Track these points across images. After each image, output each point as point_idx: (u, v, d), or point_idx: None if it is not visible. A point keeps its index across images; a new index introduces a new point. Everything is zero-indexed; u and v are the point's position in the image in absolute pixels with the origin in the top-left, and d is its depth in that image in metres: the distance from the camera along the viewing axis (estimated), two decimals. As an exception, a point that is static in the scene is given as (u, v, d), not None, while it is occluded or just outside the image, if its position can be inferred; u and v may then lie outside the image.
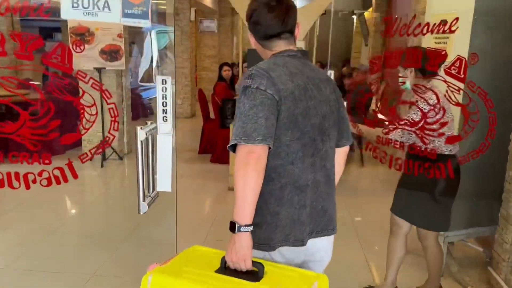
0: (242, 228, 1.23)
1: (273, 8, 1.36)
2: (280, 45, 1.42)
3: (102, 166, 5.01)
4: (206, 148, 5.83)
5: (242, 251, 1.24)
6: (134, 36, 14.75)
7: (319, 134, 1.37)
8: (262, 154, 1.24)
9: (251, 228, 1.25)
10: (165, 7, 2.05)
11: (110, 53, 4.96)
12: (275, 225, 1.34)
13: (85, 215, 3.98)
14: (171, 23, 2.11)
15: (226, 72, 5.94)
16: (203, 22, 11.31)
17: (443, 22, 2.63)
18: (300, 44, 3.77)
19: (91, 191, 4.57)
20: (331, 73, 7.92)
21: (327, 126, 1.39)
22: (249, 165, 1.22)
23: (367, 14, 9.38)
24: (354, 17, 11.01)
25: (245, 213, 1.24)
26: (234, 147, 1.26)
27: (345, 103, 1.57)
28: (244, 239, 1.24)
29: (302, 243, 1.37)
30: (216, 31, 11.27)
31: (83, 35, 4.82)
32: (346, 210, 3.86)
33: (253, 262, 1.24)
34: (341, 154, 1.52)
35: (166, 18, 2.02)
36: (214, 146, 5.46)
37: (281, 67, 1.34)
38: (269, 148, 1.26)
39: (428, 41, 2.83)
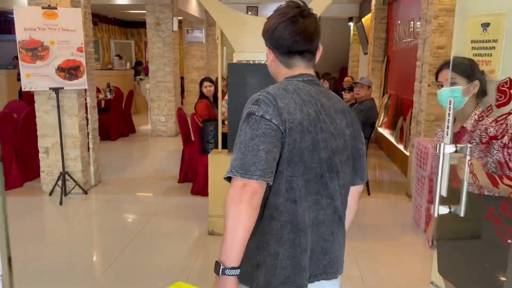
0: (227, 271, 1.14)
1: (301, 24, 1.27)
2: (300, 66, 1.33)
3: (61, 203, 4.25)
4: (186, 175, 5.08)
5: None
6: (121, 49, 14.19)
7: (327, 170, 1.27)
8: (259, 190, 1.16)
9: (237, 271, 1.14)
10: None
11: (69, 70, 4.22)
12: (275, 267, 1.25)
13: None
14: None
15: (208, 89, 5.10)
16: (190, 32, 10.64)
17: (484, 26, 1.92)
18: None
19: (39, 239, 3.80)
20: (325, 81, 7.23)
21: (337, 162, 1.29)
22: (243, 201, 1.14)
23: (365, 20, 8.70)
24: (351, 24, 10.34)
25: (232, 253, 1.14)
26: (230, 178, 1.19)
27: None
28: (229, 284, 1.15)
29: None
30: (204, 41, 10.60)
31: (35, 50, 4.07)
32: (353, 257, 3.12)
33: None
34: (354, 193, 1.42)
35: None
36: (195, 174, 4.70)
37: (291, 94, 1.25)
38: (268, 184, 1.18)
39: (460, 50, 2.13)
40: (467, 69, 1.73)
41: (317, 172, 1.25)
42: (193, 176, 4.78)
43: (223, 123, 3.74)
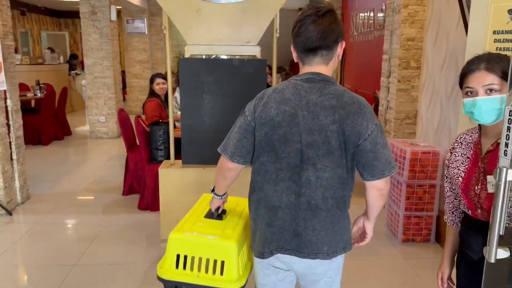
0: (214, 194, 1.74)
1: (316, 22, 1.37)
2: (310, 64, 1.44)
3: (-23, 229, 3.49)
4: (132, 186, 4.45)
5: (212, 205, 1.77)
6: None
7: (300, 160, 1.41)
8: (228, 165, 1.55)
9: (219, 197, 1.73)
10: None
11: (-20, 68, 3.45)
12: (253, 230, 1.58)
13: None
14: None
15: (160, 86, 4.40)
16: (131, 23, 9.80)
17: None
18: (255, 50, 2.80)
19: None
20: (278, 76, 6.85)
21: (312, 155, 1.40)
22: (219, 170, 1.63)
23: (317, 10, 8.36)
24: (301, 14, 9.99)
25: (218, 188, 1.71)
26: None
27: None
28: (214, 199, 1.76)
29: (262, 256, 1.52)
30: (146, 32, 9.81)
31: None
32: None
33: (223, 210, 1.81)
34: (369, 189, 1.47)
35: None
36: (143, 185, 4.09)
37: (276, 94, 1.44)
38: (239, 163, 1.53)
39: (477, 42, 1.75)
40: (507, 70, 1.33)
41: (288, 161, 1.42)
42: (141, 188, 4.17)
43: (174, 125, 3.18)
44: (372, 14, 5.42)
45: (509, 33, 1.52)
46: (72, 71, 10.74)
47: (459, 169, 1.49)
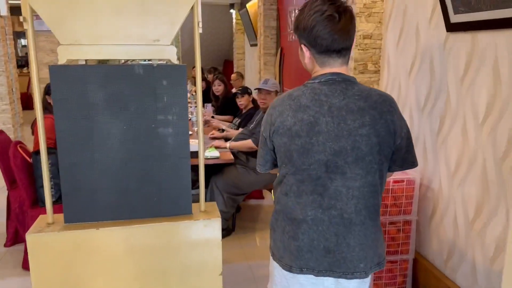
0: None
1: (338, 20, 1.28)
2: (332, 64, 1.35)
3: None
4: (18, 234, 3.35)
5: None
6: None
7: (326, 171, 1.32)
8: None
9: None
10: None
11: None
12: (273, 238, 1.48)
13: None
14: None
15: None
16: (35, 19, 8.38)
17: None
18: (169, 51, 2.02)
19: None
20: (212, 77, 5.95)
21: (341, 163, 1.31)
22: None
23: (250, 7, 7.58)
24: (233, 11, 9.16)
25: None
26: None
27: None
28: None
29: (290, 269, 1.40)
30: None
31: None
32: None
33: None
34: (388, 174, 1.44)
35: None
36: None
37: (291, 101, 1.36)
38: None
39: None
40: None
41: (310, 173, 1.33)
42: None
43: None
44: (314, 8, 4.71)
45: None
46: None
47: None
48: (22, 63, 11.58)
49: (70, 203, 1.97)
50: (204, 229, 2.05)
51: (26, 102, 8.87)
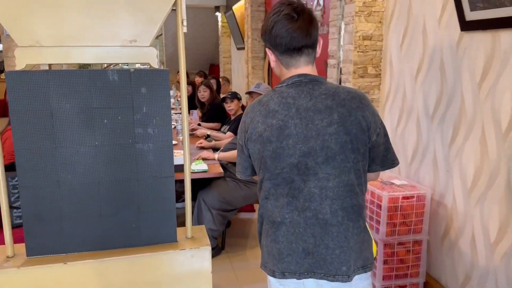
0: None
1: (296, 19, 1.29)
2: (296, 65, 1.35)
3: None
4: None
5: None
6: None
7: (298, 174, 1.31)
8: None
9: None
10: None
11: None
12: (260, 244, 1.46)
13: None
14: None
15: None
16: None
17: None
18: (148, 54, 1.68)
19: None
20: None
21: (311, 164, 1.29)
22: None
23: (236, 9, 7.32)
24: (219, 14, 8.89)
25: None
26: None
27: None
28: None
29: (273, 274, 1.39)
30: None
31: None
32: None
33: None
34: (371, 175, 1.42)
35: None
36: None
37: (260, 107, 1.36)
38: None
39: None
40: None
41: (284, 177, 1.32)
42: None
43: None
44: (305, 9, 4.46)
45: None
46: None
47: None
48: (1, 68, 11.11)
49: (32, 233, 1.67)
50: (191, 260, 1.76)
51: (4, 109, 8.43)
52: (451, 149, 2.25)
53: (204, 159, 3.14)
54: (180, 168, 2.07)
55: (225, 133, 3.94)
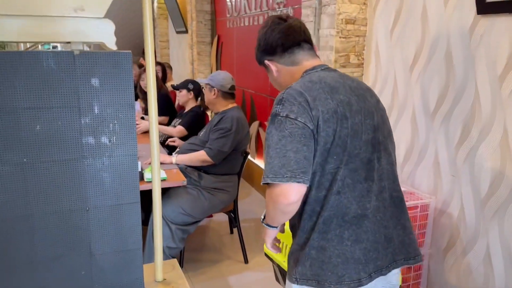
0: (264, 223, 1.33)
1: (285, 21, 1.31)
2: (305, 58, 1.31)
3: None
4: None
5: (268, 238, 1.37)
6: None
7: (373, 151, 1.22)
8: (293, 193, 1.13)
9: (271, 228, 1.32)
10: None
11: None
12: (321, 261, 1.20)
13: None
14: None
15: None
16: None
17: None
18: (102, 29, 1.14)
19: None
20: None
21: (381, 139, 1.24)
22: (277, 207, 1.17)
23: (176, -12, 6.66)
24: (154, -7, 8.14)
25: (272, 223, 1.30)
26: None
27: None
28: (264, 230, 1.35)
29: (360, 283, 1.18)
30: None
31: None
32: None
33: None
34: None
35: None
36: None
37: (318, 84, 1.21)
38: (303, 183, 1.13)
39: None
40: None
41: (362, 157, 1.20)
42: None
43: None
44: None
45: None
46: None
47: None
48: None
49: None
50: (168, 316, 1.30)
51: None
52: (459, 152, 1.96)
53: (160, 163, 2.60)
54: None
55: (175, 126, 3.40)
